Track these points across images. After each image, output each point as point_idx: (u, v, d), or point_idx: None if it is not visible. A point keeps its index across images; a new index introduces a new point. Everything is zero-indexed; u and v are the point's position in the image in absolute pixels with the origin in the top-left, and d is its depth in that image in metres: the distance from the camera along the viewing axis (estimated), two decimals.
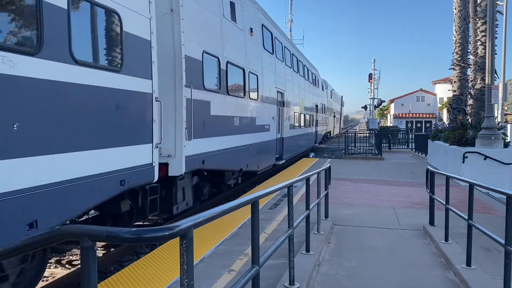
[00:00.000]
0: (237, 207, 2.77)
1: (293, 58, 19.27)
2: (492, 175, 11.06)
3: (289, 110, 17.36)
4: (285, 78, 16.55)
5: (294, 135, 18.61)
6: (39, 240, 1.99)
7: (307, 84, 23.68)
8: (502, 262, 4.06)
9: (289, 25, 41.40)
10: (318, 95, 28.65)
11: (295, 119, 18.80)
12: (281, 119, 15.75)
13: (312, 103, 25.48)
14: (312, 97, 25.28)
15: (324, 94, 33.15)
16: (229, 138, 9.72)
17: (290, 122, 17.32)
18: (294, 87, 18.78)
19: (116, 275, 4.93)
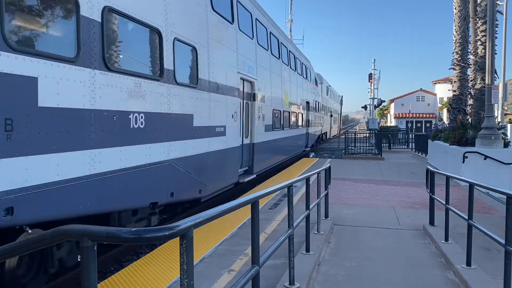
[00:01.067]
0: (237, 207, 2.77)
1: (271, 39, 14.36)
2: (492, 175, 11.06)
3: (264, 106, 13.03)
4: (256, 63, 12.14)
5: (273, 139, 14.26)
6: (39, 240, 1.99)
7: (295, 75, 19.36)
8: (502, 262, 4.06)
9: (289, 25, 41.42)
10: (310, 91, 24.61)
11: (274, 119, 14.53)
12: (251, 118, 11.64)
13: (302, 99, 21.25)
14: (301, 92, 21.05)
15: (318, 90, 29.03)
16: (113, 152, 5.37)
17: (265, 122, 13.16)
18: (273, 77, 14.32)
19: (116, 275, 4.93)
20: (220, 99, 9.10)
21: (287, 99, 17.14)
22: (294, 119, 18.88)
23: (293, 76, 19.02)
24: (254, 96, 11.98)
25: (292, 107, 18.34)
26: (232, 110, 9.88)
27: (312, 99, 25.23)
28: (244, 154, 11.08)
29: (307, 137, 23.25)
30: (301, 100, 20.97)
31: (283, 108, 16.28)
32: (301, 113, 20.95)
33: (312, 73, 26.60)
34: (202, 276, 4.82)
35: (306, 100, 22.58)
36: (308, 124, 23.22)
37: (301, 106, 20.92)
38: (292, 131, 18.43)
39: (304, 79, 22.38)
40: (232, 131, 9.91)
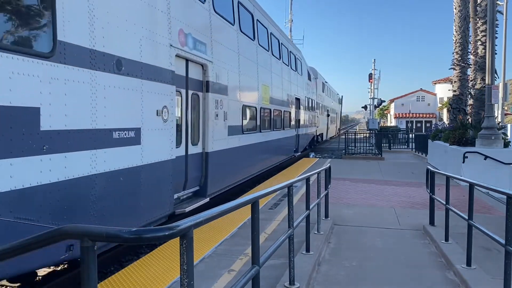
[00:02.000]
0: (237, 207, 2.77)
1: (240, 12, 10.99)
2: (492, 175, 11.06)
3: (227, 101, 9.59)
4: (211, 38, 8.67)
5: (244, 145, 11.02)
6: (39, 240, 1.99)
7: (279, 65, 15.78)
8: (502, 262, 4.06)
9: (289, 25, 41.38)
10: (301, 86, 21.12)
11: (246, 118, 11.42)
12: (203, 117, 8.43)
13: (290, 94, 17.90)
14: (289, 86, 17.69)
15: (311, 86, 25.64)
16: None
17: (230, 122, 9.81)
18: (243, 62, 10.99)
19: (116, 275, 4.93)
20: (126, 84, 5.63)
21: (267, 93, 13.61)
22: (278, 118, 15.58)
23: (277, 65, 15.39)
24: (208, 85, 8.43)
25: (275, 103, 14.93)
26: (157, 104, 6.37)
27: (304, 95, 21.82)
28: (189, 169, 7.77)
29: (297, 140, 19.98)
30: (288, 95, 17.63)
31: (261, 104, 12.79)
32: (289, 111, 17.72)
33: (304, 65, 22.98)
34: (202, 276, 4.82)
35: (296, 96, 19.32)
36: (298, 125, 20.04)
37: (289, 103, 17.64)
38: (276, 133, 14.99)
39: (293, 71, 18.95)
40: (157, 137, 6.39)
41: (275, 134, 14.93)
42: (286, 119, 17.08)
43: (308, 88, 23.77)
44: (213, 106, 8.71)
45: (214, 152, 8.78)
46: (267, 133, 13.75)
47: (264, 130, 13.34)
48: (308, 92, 23.65)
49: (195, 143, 8.17)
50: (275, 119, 15.10)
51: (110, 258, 6.46)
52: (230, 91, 9.87)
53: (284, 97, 16.83)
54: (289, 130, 17.87)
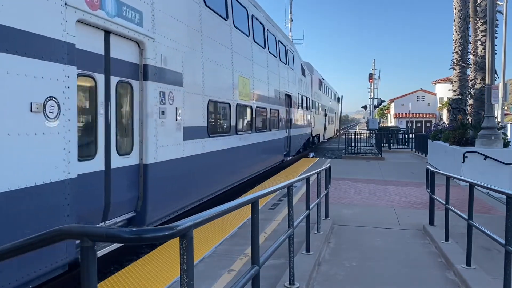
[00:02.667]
0: (237, 207, 2.77)
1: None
2: (492, 175, 11.06)
3: (181, 93, 7.41)
4: (152, 4, 6.55)
5: (209, 151, 8.68)
6: (39, 240, 1.99)
7: (264, 55, 13.50)
8: (502, 262, 4.06)
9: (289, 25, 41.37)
10: (293, 81, 18.79)
11: (213, 117, 9.23)
12: (141, 114, 6.32)
13: (278, 90, 15.61)
14: (276, 81, 15.28)
15: (306, 82, 23.29)
16: None
17: (187, 122, 7.58)
18: (208, 45, 8.65)
19: (116, 275, 4.93)
20: None
21: (247, 87, 11.37)
22: (263, 118, 13.36)
23: (261, 55, 13.08)
24: (147, 70, 6.23)
25: (259, 100, 12.72)
26: (32, 94, 4.24)
27: (296, 92, 19.54)
28: (114, 189, 5.63)
29: (289, 142, 17.71)
30: (277, 92, 15.33)
31: (237, 100, 10.56)
32: (278, 109, 15.29)
33: (297, 59, 20.64)
34: (202, 276, 4.82)
35: (286, 92, 16.97)
36: (290, 125, 17.72)
37: (277, 100, 15.33)
38: (260, 135, 12.69)
39: (282, 63, 16.54)
40: (30, 146, 4.20)
41: (258, 136, 12.63)
42: (273, 119, 14.77)
43: (301, 84, 21.32)
44: (157, 100, 6.43)
45: (159, 163, 6.47)
46: (247, 135, 11.50)
47: (243, 132, 11.11)
48: (301, 88, 21.25)
49: (125, 152, 5.93)
50: (259, 118, 12.91)
51: (110, 258, 6.46)
52: (188, 81, 7.55)
53: (271, 93, 14.51)
54: (278, 131, 15.55)
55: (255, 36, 12.61)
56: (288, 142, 17.64)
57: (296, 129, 19.32)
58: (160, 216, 6.72)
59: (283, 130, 16.54)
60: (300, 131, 20.49)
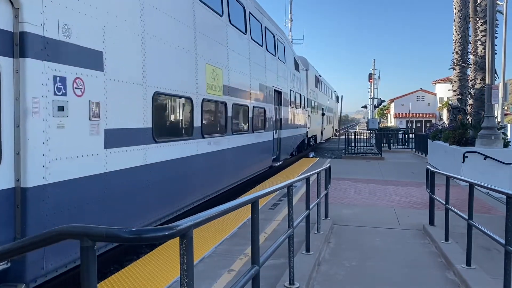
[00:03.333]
0: (237, 207, 2.77)
1: None
2: (492, 175, 11.06)
3: (102, 80, 5.23)
4: None
5: (160, 162, 6.70)
6: (39, 240, 1.99)
7: (244, 42, 11.47)
8: (502, 262, 4.06)
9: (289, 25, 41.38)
10: (283, 75, 16.49)
11: (161, 116, 7.23)
12: (17, 110, 4.17)
13: (264, 86, 13.41)
14: (262, 74, 13.10)
15: (300, 78, 20.96)
16: None
17: (113, 123, 5.48)
18: (148, 14, 6.38)
19: (116, 275, 4.93)
20: None
21: (219, 79, 9.19)
22: (242, 117, 11.32)
23: (240, 42, 11.02)
24: (25, 41, 4.15)
25: (236, 95, 10.49)
26: None
27: (288, 88, 17.36)
28: None
29: (278, 145, 15.51)
30: (262, 86, 13.06)
31: (204, 94, 8.38)
32: (263, 107, 13.16)
33: (289, 51, 18.40)
34: (202, 276, 4.82)
35: (275, 88, 14.81)
36: (280, 125, 15.59)
37: (262, 97, 13.11)
38: (236, 138, 10.53)
39: (269, 54, 14.18)
40: None
41: (237, 139, 10.47)
42: (258, 118, 12.66)
43: (294, 80, 19.14)
44: (47, 88, 4.38)
45: (53, 186, 4.44)
46: (220, 138, 9.33)
47: (213, 135, 8.92)
48: (294, 85, 19.09)
49: None
50: (238, 117, 10.85)
51: (110, 258, 6.46)
52: (115, 64, 5.45)
53: (255, 87, 12.18)
54: (264, 133, 13.27)
55: (232, 17, 10.34)
56: (277, 145, 15.47)
57: (287, 130, 17.16)
58: (56, 266, 4.55)
59: (271, 132, 14.27)
60: (292, 132, 18.35)
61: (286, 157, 17.47)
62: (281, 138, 15.81)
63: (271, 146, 14.53)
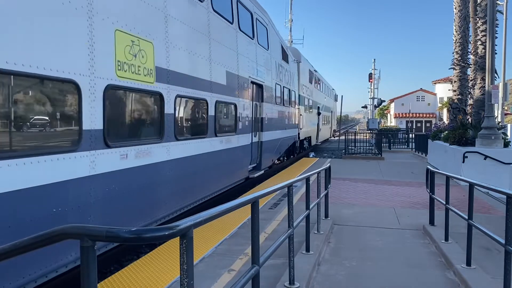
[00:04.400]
0: (237, 206, 2.77)
1: None
2: (492, 175, 11.06)
3: None
4: None
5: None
6: (38, 240, 1.99)
7: (198, 10, 8.54)
8: (502, 262, 4.06)
9: (289, 25, 41.41)
10: (264, 65, 13.44)
11: None
12: None
13: (236, 75, 10.62)
14: (232, 60, 10.46)
15: (289, 71, 18.23)
16: None
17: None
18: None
19: (116, 275, 4.93)
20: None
21: (147, 56, 6.39)
22: (192, 115, 8.59)
23: (189, 9, 8.17)
24: None
25: (181, 83, 7.56)
26: None
27: (272, 82, 14.53)
28: None
29: (259, 150, 12.87)
30: (231, 76, 10.20)
31: (109, 78, 5.45)
32: (233, 103, 10.37)
33: (273, 37, 15.24)
34: (202, 276, 4.82)
35: (253, 80, 12.02)
36: (261, 126, 12.95)
37: (232, 89, 10.28)
38: (183, 146, 7.62)
39: (244, 36, 11.37)
40: None
41: (182, 147, 7.53)
42: (223, 117, 9.96)
43: (282, 72, 16.38)
44: None
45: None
46: (147, 148, 6.36)
47: (129, 144, 5.93)
48: (282, 78, 16.32)
49: None
50: (186, 116, 8.08)
51: (110, 258, 6.46)
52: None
53: (218, 76, 9.30)
54: (235, 137, 10.51)
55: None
56: (258, 151, 12.82)
57: (272, 132, 14.28)
58: None
59: (247, 134, 11.51)
60: (279, 134, 15.52)
61: (271, 164, 14.99)
62: (262, 141, 13.05)
63: (248, 153, 11.68)
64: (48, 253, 4.36)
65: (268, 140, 13.86)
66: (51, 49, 4.53)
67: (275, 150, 15.28)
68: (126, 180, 5.84)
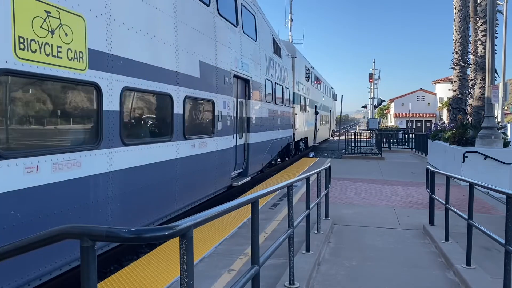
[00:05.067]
0: (237, 206, 2.77)
1: None
2: (492, 174, 11.06)
3: None
4: None
5: None
6: (38, 240, 1.99)
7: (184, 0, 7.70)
8: (502, 262, 4.06)
9: (289, 25, 41.37)
10: (253, 58, 12.16)
11: None
12: None
13: (213, 66, 9.00)
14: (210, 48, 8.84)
15: (283, 66, 16.91)
16: None
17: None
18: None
19: (116, 274, 4.92)
20: None
21: (75, 34, 4.78)
22: (145, 114, 7.00)
23: None
24: None
25: (133, 73, 5.95)
26: None
27: (262, 77, 13.08)
28: None
29: (245, 154, 11.55)
30: (206, 67, 8.61)
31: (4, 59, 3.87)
32: (210, 100, 8.85)
33: (262, 26, 13.62)
34: (202, 276, 4.82)
35: (236, 73, 10.50)
36: (246, 127, 11.59)
37: (208, 83, 8.74)
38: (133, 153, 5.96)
39: (227, 23, 10.00)
40: None
41: (133, 154, 5.97)
42: (195, 116, 8.50)
43: (274, 67, 14.99)
44: None
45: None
46: (70, 159, 4.70)
47: (35, 151, 4.34)
48: (273, 74, 14.83)
49: None
50: (138, 115, 6.61)
51: (110, 258, 6.46)
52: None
53: (189, 66, 7.75)
54: (213, 139, 8.92)
55: None
56: (244, 155, 11.48)
57: (261, 133, 12.88)
58: None
59: (229, 136, 9.96)
60: (270, 136, 14.09)
61: (260, 169, 13.45)
62: (249, 144, 11.68)
63: (230, 157, 10.14)
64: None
65: (257, 142, 12.52)
66: None
67: (266, 153, 13.76)
68: (39, 203, 4.31)
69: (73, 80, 4.77)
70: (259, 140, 12.82)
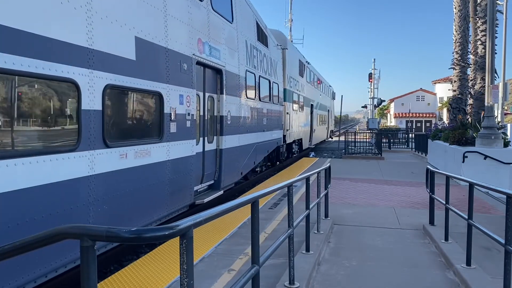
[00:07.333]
0: (237, 206, 2.77)
1: None
2: (492, 174, 11.06)
3: None
4: None
5: None
6: (38, 240, 1.99)
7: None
8: (502, 261, 4.06)
9: (289, 25, 41.38)
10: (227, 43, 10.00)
11: None
12: None
13: (163, 47, 6.77)
14: (158, 25, 6.65)
15: (270, 58, 14.67)
16: None
17: None
18: None
19: (116, 274, 4.92)
20: None
21: None
22: (29, 114, 4.37)
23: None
24: None
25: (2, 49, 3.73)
26: None
27: (239, 67, 10.96)
28: None
29: (217, 162, 9.61)
30: (143, 43, 6.19)
31: None
32: (157, 93, 6.66)
33: (242, 6, 11.56)
34: (202, 275, 4.82)
35: (199, 59, 8.26)
36: (219, 128, 9.65)
37: (152, 71, 6.51)
38: None
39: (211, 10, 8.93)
40: None
41: None
42: (128, 115, 6.38)
43: (257, 57, 12.88)
44: None
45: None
46: None
47: None
48: (256, 64, 12.66)
49: None
50: (13, 114, 4.14)
51: (110, 258, 6.46)
52: None
53: (111, 42, 5.47)
54: (163, 145, 6.86)
55: None
56: (215, 162, 9.56)
57: (239, 136, 10.92)
58: None
59: (190, 140, 7.91)
60: (252, 138, 12.12)
61: (240, 179, 11.69)
62: (222, 149, 9.67)
63: (192, 167, 8.03)
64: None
65: (233, 147, 10.36)
66: None
67: (247, 159, 11.62)
68: None
69: None
70: (237, 144, 10.69)
